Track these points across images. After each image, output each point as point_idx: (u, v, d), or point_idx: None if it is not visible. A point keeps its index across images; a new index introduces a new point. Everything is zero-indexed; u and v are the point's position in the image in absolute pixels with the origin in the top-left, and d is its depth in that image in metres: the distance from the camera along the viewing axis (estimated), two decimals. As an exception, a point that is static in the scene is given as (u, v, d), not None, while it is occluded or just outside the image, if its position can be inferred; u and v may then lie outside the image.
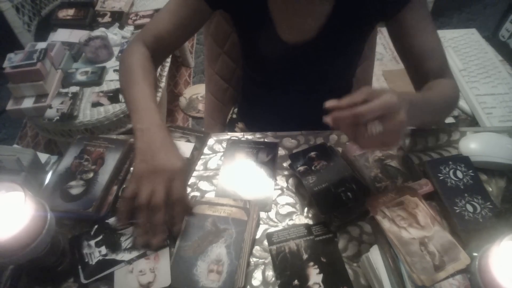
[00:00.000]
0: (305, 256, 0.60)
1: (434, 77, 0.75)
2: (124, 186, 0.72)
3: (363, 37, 0.82)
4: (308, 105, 0.93)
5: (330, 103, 0.52)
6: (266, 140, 0.80)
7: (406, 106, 0.53)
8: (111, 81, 1.48)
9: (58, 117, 1.34)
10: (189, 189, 0.71)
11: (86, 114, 1.37)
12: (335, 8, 0.72)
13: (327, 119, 0.53)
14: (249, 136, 0.81)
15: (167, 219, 0.60)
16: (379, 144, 0.56)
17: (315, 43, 0.76)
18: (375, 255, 0.57)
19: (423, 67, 0.75)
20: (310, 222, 0.66)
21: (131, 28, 1.69)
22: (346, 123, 0.53)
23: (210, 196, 0.70)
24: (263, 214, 0.67)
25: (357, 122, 0.52)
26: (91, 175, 0.70)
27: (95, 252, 0.61)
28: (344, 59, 0.84)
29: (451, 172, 0.68)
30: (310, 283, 0.57)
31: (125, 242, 0.62)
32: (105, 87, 1.46)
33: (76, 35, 1.61)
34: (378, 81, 2.24)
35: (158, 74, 1.54)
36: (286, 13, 0.74)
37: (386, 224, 0.58)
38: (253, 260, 0.61)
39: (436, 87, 0.72)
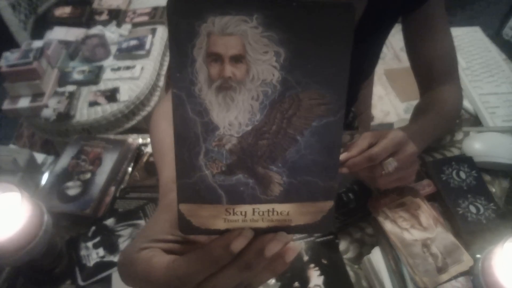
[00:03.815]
0: (305, 258, 0.59)
1: (439, 81, 0.73)
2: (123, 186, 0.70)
3: (386, 36, 0.80)
4: None
5: (342, 157, 0.56)
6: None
7: (413, 138, 0.57)
8: (109, 80, 1.47)
9: (54, 117, 1.33)
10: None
11: (83, 113, 1.36)
12: (365, 13, 0.70)
13: (343, 170, 0.56)
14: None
15: None
16: (397, 181, 0.58)
17: None
18: (376, 257, 0.56)
19: (431, 68, 0.74)
20: (311, 223, 0.65)
21: (128, 26, 1.68)
22: (362, 168, 0.56)
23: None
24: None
25: (372, 164, 0.55)
26: (88, 175, 0.69)
27: (92, 254, 0.60)
28: (366, 62, 0.83)
29: (454, 172, 0.67)
30: (311, 285, 0.56)
31: (123, 244, 0.61)
32: (102, 86, 1.45)
33: (73, 33, 1.60)
34: (379, 80, 2.24)
35: (157, 73, 1.53)
36: None
37: (388, 225, 0.58)
38: (253, 261, 0.61)
39: (437, 103, 0.71)
